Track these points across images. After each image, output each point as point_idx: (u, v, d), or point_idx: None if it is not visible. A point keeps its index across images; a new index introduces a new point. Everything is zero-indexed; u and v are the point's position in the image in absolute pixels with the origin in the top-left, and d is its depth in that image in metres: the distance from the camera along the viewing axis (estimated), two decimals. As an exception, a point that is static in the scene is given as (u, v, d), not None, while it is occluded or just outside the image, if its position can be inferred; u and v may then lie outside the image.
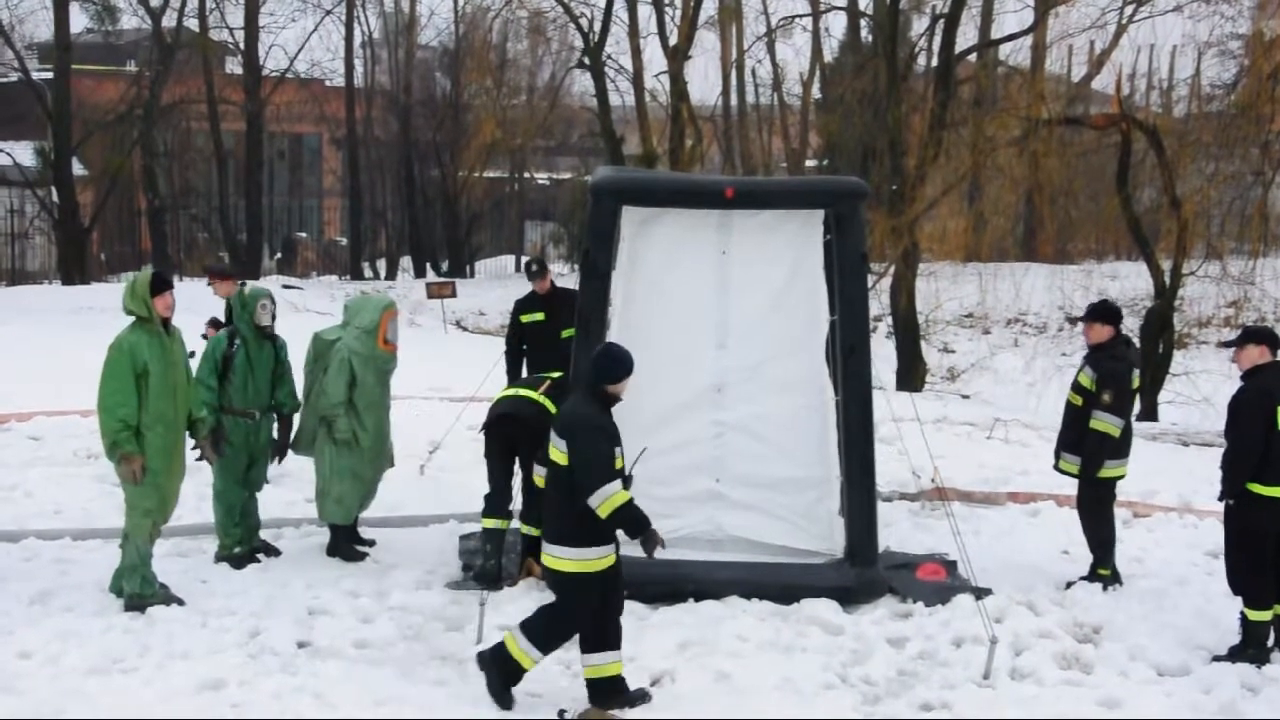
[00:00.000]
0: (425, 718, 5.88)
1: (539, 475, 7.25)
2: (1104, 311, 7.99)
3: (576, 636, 5.99)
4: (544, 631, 5.94)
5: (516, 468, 7.89)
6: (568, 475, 5.80)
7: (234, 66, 32.94)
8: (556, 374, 8.05)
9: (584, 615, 5.93)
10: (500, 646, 5.99)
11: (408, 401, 11.80)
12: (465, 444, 10.37)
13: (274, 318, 8.01)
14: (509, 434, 7.78)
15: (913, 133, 19.58)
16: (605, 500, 5.71)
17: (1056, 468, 8.16)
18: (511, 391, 8.12)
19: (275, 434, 8.18)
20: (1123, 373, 7.81)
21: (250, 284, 8.98)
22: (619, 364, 5.94)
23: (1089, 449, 7.81)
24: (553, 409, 7.87)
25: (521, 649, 5.93)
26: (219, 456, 7.69)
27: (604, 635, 5.95)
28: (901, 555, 8.36)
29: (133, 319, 7.00)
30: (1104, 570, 7.99)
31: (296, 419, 8.24)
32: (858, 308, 7.68)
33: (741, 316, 7.71)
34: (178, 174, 32.76)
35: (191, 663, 6.29)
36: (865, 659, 6.71)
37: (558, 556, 5.86)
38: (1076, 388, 7.94)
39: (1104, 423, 7.75)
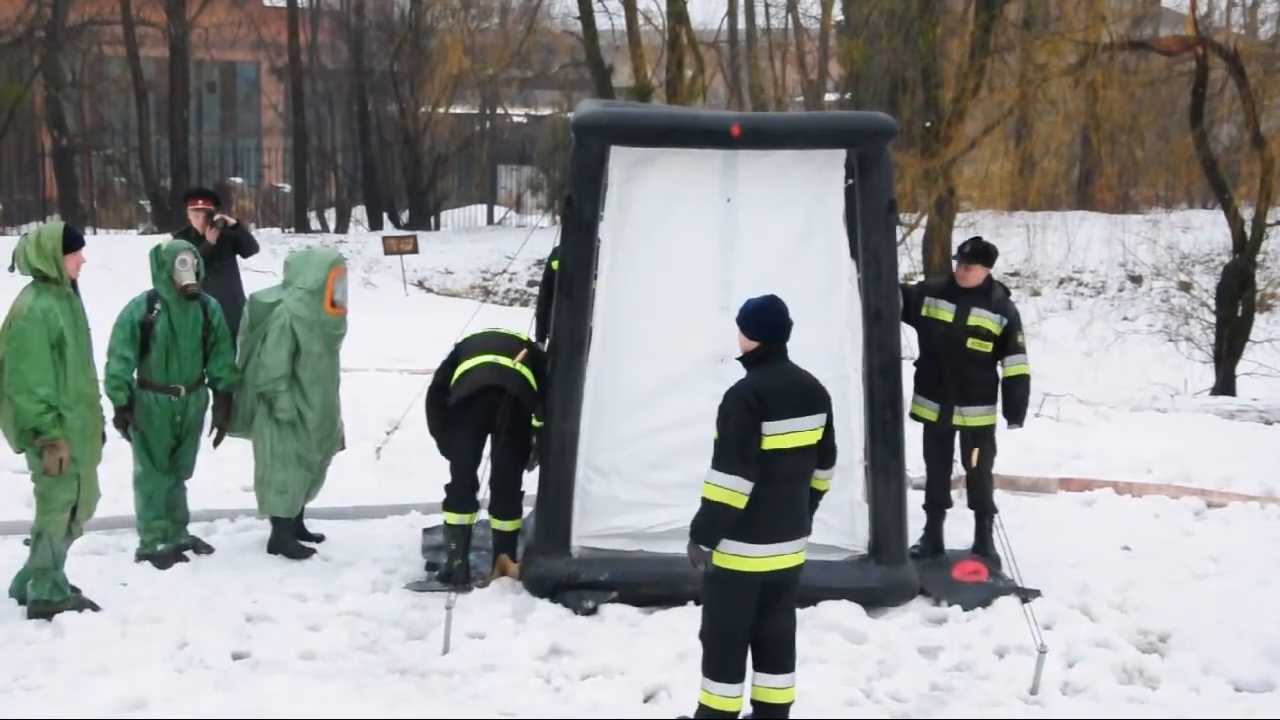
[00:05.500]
0: (382, 741, 5.92)
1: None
2: (988, 252, 8.32)
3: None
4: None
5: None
6: (817, 453, 5.80)
7: (155, -19, 32.70)
8: (522, 335, 8.01)
9: None
10: None
11: (361, 374, 11.79)
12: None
13: (199, 276, 7.96)
14: (491, 410, 7.58)
15: (950, 61, 19.56)
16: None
17: (951, 424, 8.28)
18: (488, 358, 7.79)
19: (211, 412, 8.15)
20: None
21: (169, 238, 8.97)
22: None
23: (1024, 395, 8.31)
24: (533, 380, 7.81)
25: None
26: (126, 439, 7.77)
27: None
28: (936, 552, 8.38)
29: (32, 280, 6.96)
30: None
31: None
32: (884, 265, 7.70)
33: (749, 274, 7.67)
34: (88, 108, 32.53)
35: (109, 678, 6.28)
36: (893, 671, 6.74)
37: (801, 551, 5.78)
38: (980, 334, 8.19)
39: (1027, 365, 8.32)
